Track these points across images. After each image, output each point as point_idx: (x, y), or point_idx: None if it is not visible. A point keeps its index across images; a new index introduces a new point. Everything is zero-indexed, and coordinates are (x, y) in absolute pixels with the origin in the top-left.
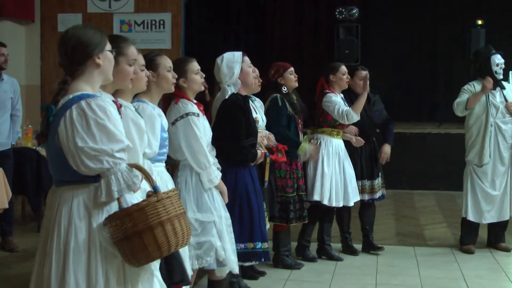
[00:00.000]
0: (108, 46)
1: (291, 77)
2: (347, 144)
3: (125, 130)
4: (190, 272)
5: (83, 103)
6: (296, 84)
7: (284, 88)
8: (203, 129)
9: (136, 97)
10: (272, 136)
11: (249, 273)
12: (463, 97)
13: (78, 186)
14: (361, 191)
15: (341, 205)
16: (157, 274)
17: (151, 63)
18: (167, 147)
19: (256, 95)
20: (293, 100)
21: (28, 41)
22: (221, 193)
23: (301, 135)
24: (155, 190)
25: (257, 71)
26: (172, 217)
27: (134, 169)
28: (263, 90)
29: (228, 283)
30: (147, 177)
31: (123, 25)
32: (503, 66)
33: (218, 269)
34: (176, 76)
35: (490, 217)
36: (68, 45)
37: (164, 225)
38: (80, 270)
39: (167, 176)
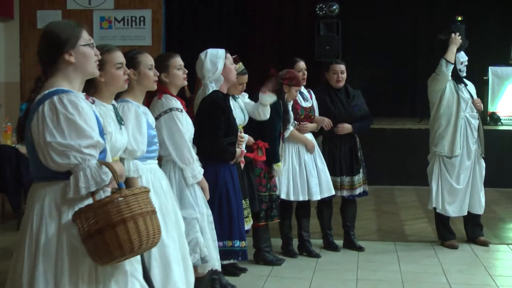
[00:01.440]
0: (83, 40)
1: (294, 94)
2: (327, 140)
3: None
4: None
5: (55, 98)
6: (291, 102)
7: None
8: (186, 124)
9: (119, 97)
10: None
11: (230, 270)
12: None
13: (50, 183)
14: (340, 187)
15: (301, 199)
16: (140, 278)
17: (132, 61)
18: (157, 144)
19: (248, 89)
20: (288, 109)
21: (7, 38)
22: (202, 189)
23: (280, 143)
24: (119, 187)
25: (245, 78)
26: (136, 215)
27: (103, 166)
28: (258, 83)
29: (209, 280)
30: (114, 174)
31: (103, 22)
32: (466, 63)
33: (200, 265)
34: (158, 73)
35: (451, 211)
36: (41, 42)
37: (126, 223)
38: (49, 268)
39: (160, 173)
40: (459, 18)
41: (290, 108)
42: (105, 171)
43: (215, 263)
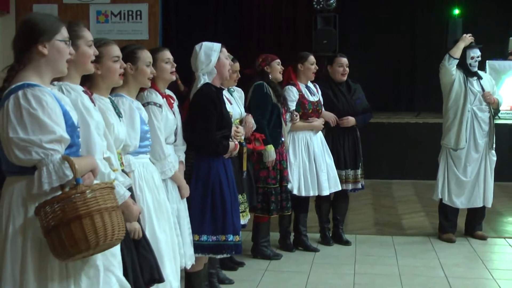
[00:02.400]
0: (60, 36)
1: (277, 68)
2: (330, 134)
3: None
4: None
5: (20, 93)
6: (281, 77)
7: (270, 76)
8: (164, 120)
9: (114, 91)
10: (250, 118)
11: (227, 264)
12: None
13: (18, 178)
14: (345, 180)
15: (311, 194)
16: (116, 272)
17: (130, 56)
18: (150, 139)
19: (240, 85)
20: (278, 88)
21: (3, 32)
22: (178, 187)
23: (283, 125)
24: (76, 182)
25: (236, 66)
26: (93, 212)
27: (66, 161)
28: (248, 80)
29: (205, 275)
30: (72, 169)
31: (100, 16)
32: (479, 59)
33: None
34: (154, 71)
35: (459, 203)
36: (18, 30)
37: (82, 219)
38: (16, 263)
39: (152, 167)
40: (457, 13)
41: (295, 95)
42: (67, 165)
43: (188, 261)
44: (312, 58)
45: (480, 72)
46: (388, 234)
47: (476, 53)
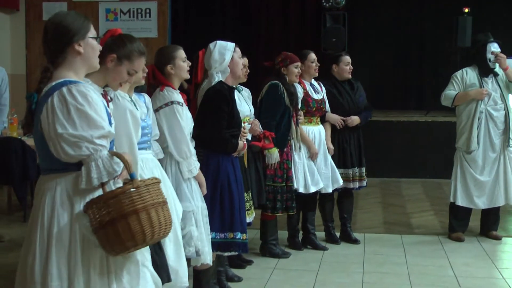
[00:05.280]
0: (92, 33)
1: (294, 71)
2: (336, 133)
3: (122, 120)
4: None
5: (64, 89)
6: (297, 80)
7: (286, 78)
8: (186, 119)
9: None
10: (257, 122)
11: (236, 262)
12: (452, 90)
13: (62, 174)
14: (352, 179)
15: (313, 190)
16: (150, 267)
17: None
18: (148, 135)
19: (253, 79)
20: (292, 91)
21: (13, 30)
22: (199, 184)
23: (293, 127)
24: (131, 177)
25: (245, 61)
26: (148, 206)
27: (115, 156)
28: (265, 73)
29: (214, 272)
30: (125, 164)
31: (109, 14)
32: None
33: (194, 258)
34: (147, 70)
35: (481, 203)
36: (48, 32)
37: (139, 213)
38: (62, 258)
39: (152, 163)
40: (466, 10)
41: (300, 93)
42: (116, 161)
43: (207, 257)
44: (312, 56)
45: (497, 69)
46: (397, 233)
47: (496, 48)
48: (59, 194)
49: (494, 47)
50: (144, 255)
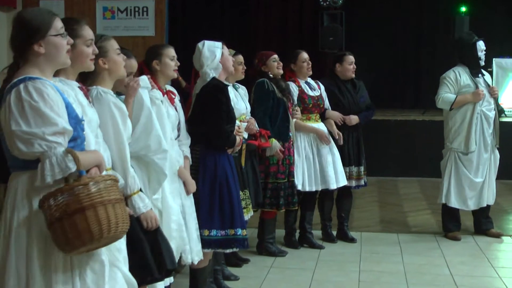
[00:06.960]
0: (54, 31)
1: (274, 64)
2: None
3: (108, 114)
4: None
5: (21, 86)
6: (281, 71)
7: (270, 74)
8: (166, 116)
9: (92, 84)
10: (253, 121)
11: (232, 260)
12: (448, 93)
13: (23, 172)
14: (349, 177)
15: (314, 189)
16: (122, 268)
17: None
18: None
19: (243, 84)
20: (281, 83)
21: (10, 28)
22: (184, 183)
23: (290, 119)
24: (79, 174)
25: (240, 58)
26: (96, 204)
27: (69, 153)
28: (250, 80)
29: (210, 271)
30: (76, 161)
31: (106, 12)
32: (485, 52)
33: (184, 257)
34: (125, 56)
35: (472, 204)
36: (12, 30)
37: (85, 211)
38: (21, 255)
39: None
40: (463, 10)
41: (295, 90)
42: (71, 158)
43: (195, 257)
44: (302, 56)
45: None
46: (394, 232)
47: (483, 46)
48: (20, 191)
49: (482, 45)
50: (114, 255)
